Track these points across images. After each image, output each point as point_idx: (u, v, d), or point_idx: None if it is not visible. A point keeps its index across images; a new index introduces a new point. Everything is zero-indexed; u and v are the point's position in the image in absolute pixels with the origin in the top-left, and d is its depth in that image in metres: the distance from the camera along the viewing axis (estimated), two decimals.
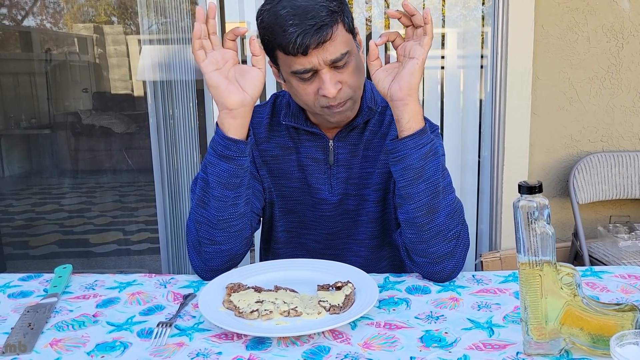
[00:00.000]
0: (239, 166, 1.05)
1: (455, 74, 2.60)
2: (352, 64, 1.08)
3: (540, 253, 0.77)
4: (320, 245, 1.27)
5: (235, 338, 0.89)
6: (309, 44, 1.00)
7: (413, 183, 1.04)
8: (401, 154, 1.03)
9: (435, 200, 1.04)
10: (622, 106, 2.50)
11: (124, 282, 1.13)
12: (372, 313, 0.95)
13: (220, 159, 1.04)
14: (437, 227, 1.05)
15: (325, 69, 1.04)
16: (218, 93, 1.03)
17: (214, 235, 1.10)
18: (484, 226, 2.69)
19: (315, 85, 1.06)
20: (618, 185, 2.44)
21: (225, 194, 1.06)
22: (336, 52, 1.03)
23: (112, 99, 6.33)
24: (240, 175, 1.07)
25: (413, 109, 1.03)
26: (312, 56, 1.02)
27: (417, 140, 1.03)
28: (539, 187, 0.77)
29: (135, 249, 3.75)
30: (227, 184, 1.06)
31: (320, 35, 1.00)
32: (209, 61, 1.02)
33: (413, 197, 1.04)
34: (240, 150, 1.04)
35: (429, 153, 1.03)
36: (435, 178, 1.04)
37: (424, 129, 1.04)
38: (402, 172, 1.04)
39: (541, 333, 0.79)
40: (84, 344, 0.88)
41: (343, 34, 1.05)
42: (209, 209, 1.08)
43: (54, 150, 5.91)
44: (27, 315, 0.97)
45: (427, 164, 1.03)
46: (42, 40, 6.14)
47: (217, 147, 1.05)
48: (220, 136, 1.04)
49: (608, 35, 2.43)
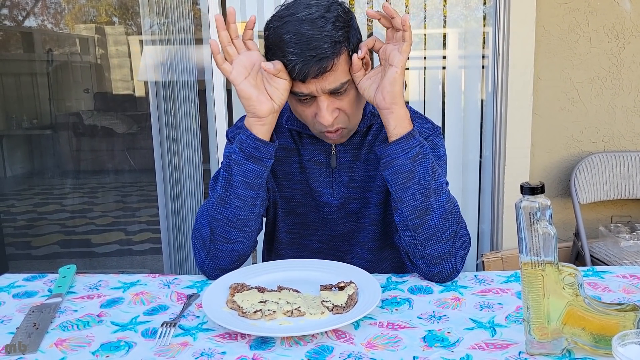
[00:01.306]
0: (265, 167, 1.07)
1: (457, 74, 2.61)
2: (352, 92, 1.07)
3: (543, 253, 0.78)
4: (322, 246, 1.27)
5: (239, 338, 0.89)
6: (308, 74, 1.00)
7: (403, 187, 1.05)
8: (389, 158, 1.04)
9: (426, 202, 1.05)
10: (623, 106, 2.50)
11: (127, 282, 1.14)
12: (375, 313, 0.96)
13: (248, 160, 1.06)
14: (431, 228, 1.05)
15: (323, 96, 1.04)
16: (250, 104, 1.04)
17: (230, 233, 1.11)
18: (485, 226, 2.69)
19: (313, 110, 1.07)
20: (619, 185, 2.45)
21: (248, 194, 1.08)
22: (336, 82, 1.03)
23: (114, 100, 6.34)
24: (264, 177, 1.09)
25: (399, 115, 1.04)
26: (310, 84, 1.02)
27: (404, 144, 1.03)
28: (541, 187, 0.77)
29: (137, 249, 3.76)
30: (252, 184, 1.08)
31: (319, 67, 0.99)
32: (237, 71, 1.03)
33: (404, 200, 1.05)
34: (269, 152, 1.07)
35: (417, 156, 1.04)
36: (425, 180, 1.04)
37: (411, 132, 1.04)
38: (392, 176, 1.05)
39: (543, 333, 0.80)
40: (89, 344, 0.89)
41: (346, 63, 1.04)
42: (230, 207, 1.09)
43: (56, 150, 5.93)
44: (32, 315, 0.98)
45: (416, 167, 1.04)
46: (44, 41, 6.16)
47: (245, 148, 1.06)
48: (250, 137, 1.05)
49: (609, 35, 2.44)
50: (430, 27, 2.58)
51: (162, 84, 2.75)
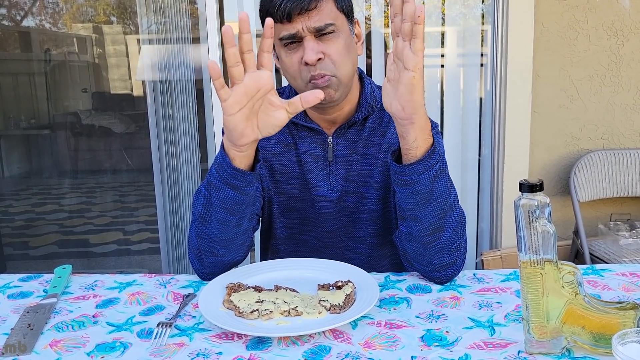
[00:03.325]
0: (245, 194, 1.01)
1: (455, 72, 2.60)
2: (339, 40, 1.07)
3: (542, 251, 0.77)
4: (320, 242, 1.26)
5: (236, 338, 0.88)
6: (292, 9, 1.02)
7: (420, 206, 0.98)
8: (409, 178, 0.96)
9: (442, 220, 1.00)
10: (622, 104, 2.49)
11: (123, 282, 1.13)
12: (373, 312, 0.95)
13: (226, 185, 0.99)
14: (442, 243, 1.02)
15: (309, 36, 1.05)
16: (231, 135, 0.94)
17: (215, 249, 1.08)
18: (485, 224, 2.68)
19: (300, 54, 1.07)
20: (619, 183, 2.44)
21: (228, 219, 1.03)
22: (321, 22, 1.04)
23: (112, 99, 6.33)
24: (246, 202, 1.02)
25: (419, 125, 0.94)
26: (296, 22, 1.04)
27: (427, 162, 0.95)
28: (540, 185, 0.76)
29: (136, 249, 3.75)
30: (232, 210, 1.02)
31: (303, 1, 1.02)
32: (234, 100, 0.90)
33: (420, 219, 1.00)
34: (248, 181, 0.99)
35: (438, 172, 0.97)
36: (443, 198, 0.98)
37: (433, 147, 0.96)
38: (410, 196, 0.98)
39: (543, 332, 0.79)
40: (84, 345, 0.88)
41: (331, 9, 1.06)
42: (211, 228, 1.05)
43: (54, 150, 5.91)
44: (27, 316, 0.97)
45: (436, 185, 0.97)
46: (42, 41, 6.14)
47: (222, 174, 0.98)
48: (227, 164, 0.97)
49: (608, 32, 2.43)
50: (428, 25, 2.57)
51: (160, 83, 2.74)
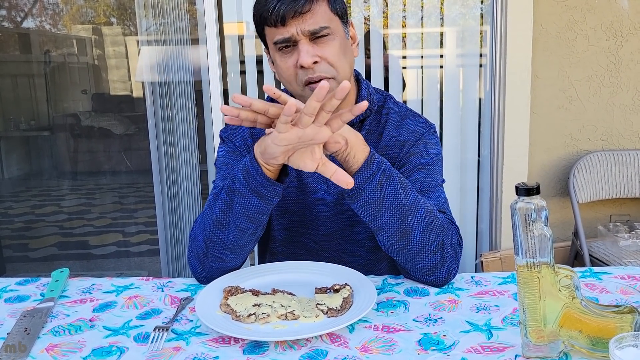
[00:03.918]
0: (270, 205, 1.01)
1: (455, 72, 2.60)
2: (334, 42, 1.07)
3: (538, 255, 0.77)
4: (318, 245, 1.26)
5: (233, 342, 0.88)
6: (286, 12, 1.02)
7: (377, 215, 0.99)
8: (354, 192, 0.97)
9: (405, 223, 1.00)
10: (621, 104, 2.49)
11: (121, 285, 1.13)
12: (370, 316, 0.95)
13: (252, 193, 0.99)
14: (416, 246, 1.02)
15: (304, 39, 1.04)
16: (262, 154, 0.95)
17: (224, 255, 1.08)
18: (484, 226, 2.68)
19: (295, 58, 1.06)
20: (618, 184, 2.44)
21: (247, 226, 1.03)
22: (315, 25, 1.04)
23: (111, 100, 6.33)
24: (268, 212, 1.03)
25: (352, 141, 0.96)
26: (290, 26, 1.03)
27: (365, 172, 0.96)
28: (536, 188, 0.76)
29: (135, 251, 3.75)
30: (253, 218, 1.02)
31: (297, 4, 1.02)
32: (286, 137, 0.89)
33: (382, 227, 1.01)
34: (276, 192, 1.00)
35: (383, 180, 0.97)
36: (397, 202, 0.99)
37: (369, 156, 0.97)
38: (362, 208, 0.99)
39: (540, 336, 0.79)
40: (80, 349, 0.88)
41: (325, 12, 1.05)
42: (227, 234, 1.05)
43: (54, 151, 5.92)
44: (24, 320, 0.97)
45: (384, 192, 0.98)
46: (41, 42, 6.15)
47: (251, 182, 0.98)
48: (258, 173, 0.97)
49: (607, 33, 2.43)
50: (427, 26, 2.57)
51: (159, 85, 2.74)
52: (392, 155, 1.18)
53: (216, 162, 1.24)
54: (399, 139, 1.18)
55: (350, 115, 0.89)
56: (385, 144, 1.18)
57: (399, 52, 2.63)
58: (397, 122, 1.20)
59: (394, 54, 2.63)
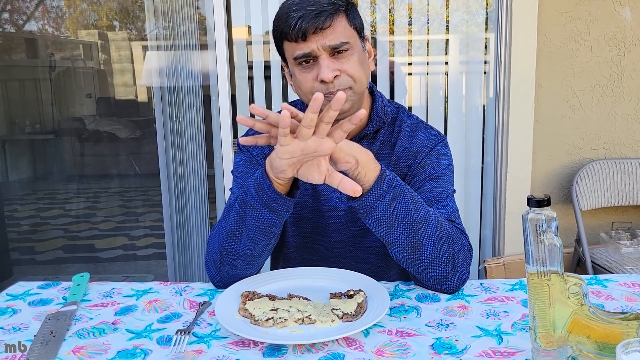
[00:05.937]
0: (281, 218, 1.04)
1: (458, 79, 2.64)
2: (354, 57, 1.10)
3: (548, 264, 0.80)
4: (330, 252, 1.29)
5: (252, 345, 0.91)
6: (307, 28, 1.05)
7: (389, 231, 1.02)
8: (366, 209, 1.00)
9: (416, 237, 1.02)
10: (623, 114, 2.53)
11: (140, 290, 1.16)
12: (384, 321, 0.98)
13: (264, 207, 1.02)
14: (427, 258, 1.05)
15: (324, 54, 1.07)
16: (271, 168, 0.98)
17: (239, 264, 1.11)
18: (487, 232, 2.72)
19: (315, 72, 1.09)
20: (620, 192, 2.47)
21: (260, 238, 1.06)
22: (336, 40, 1.06)
23: (116, 105, 6.37)
24: (280, 225, 1.06)
25: (362, 160, 0.98)
26: (311, 41, 1.06)
27: (377, 191, 0.98)
28: (547, 200, 0.80)
29: (141, 254, 3.78)
30: (266, 230, 1.05)
31: (318, 19, 1.04)
32: (288, 150, 0.92)
33: (394, 242, 1.04)
34: (287, 206, 1.02)
35: (394, 196, 0.99)
36: (409, 218, 1.01)
37: (381, 174, 0.99)
38: (375, 225, 1.02)
39: (549, 341, 0.82)
40: (106, 351, 0.91)
41: (345, 27, 1.08)
42: (241, 245, 1.08)
43: (59, 155, 5.95)
44: (49, 323, 1.00)
45: (396, 208, 1.00)
46: (47, 46, 6.19)
47: (262, 196, 1.01)
48: (269, 187, 1.00)
49: (610, 44, 2.47)
50: (432, 32, 2.62)
51: (168, 89, 2.76)
52: (404, 165, 1.21)
53: (233, 170, 1.27)
54: (412, 150, 1.21)
55: (350, 125, 0.91)
56: (398, 155, 1.21)
57: (404, 59, 2.67)
58: (409, 133, 1.23)
59: (396, 60, 2.67)
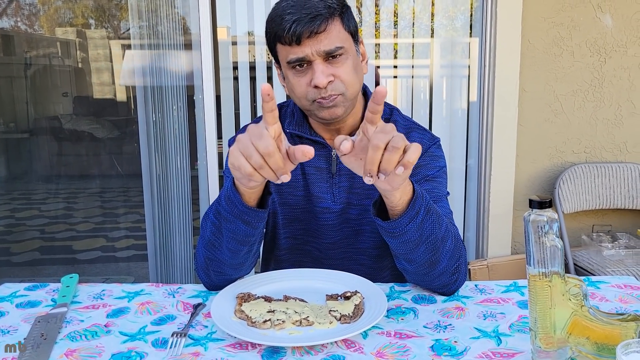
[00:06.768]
0: (256, 228, 1.02)
1: (442, 82, 2.66)
2: (348, 62, 1.09)
3: (550, 265, 0.81)
4: (322, 254, 1.28)
5: (250, 348, 0.90)
6: (302, 32, 1.03)
7: (412, 250, 1.00)
8: (397, 231, 0.97)
9: (435, 255, 1.01)
10: (604, 119, 2.58)
11: (132, 291, 1.14)
12: (382, 322, 0.98)
13: (237, 219, 0.99)
14: (439, 270, 1.04)
15: (318, 60, 1.06)
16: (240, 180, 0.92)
17: (224, 270, 1.10)
18: (471, 234, 2.74)
19: (309, 77, 1.08)
20: (601, 195, 2.51)
21: (239, 248, 1.05)
22: (330, 45, 1.06)
23: (94, 104, 6.27)
24: (257, 234, 1.04)
25: (402, 187, 0.93)
26: (305, 46, 1.05)
27: (411, 212, 0.95)
28: (549, 202, 0.80)
29: (121, 256, 3.71)
30: (243, 241, 1.04)
31: (313, 24, 1.03)
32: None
33: (414, 260, 1.02)
34: (260, 217, 1.00)
35: (425, 215, 0.96)
36: (433, 236, 0.99)
37: (415, 195, 0.95)
38: (400, 245, 1.00)
39: (549, 342, 0.83)
40: (100, 354, 0.89)
41: (340, 31, 1.08)
42: (221, 254, 1.07)
43: (34, 155, 5.83)
44: (39, 325, 0.97)
45: (424, 227, 0.97)
46: (23, 44, 6.06)
47: (233, 209, 0.98)
48: (238, 201, 0.97)
49: (591, 50, 2.51)
50: (417, 36, 2.63)
51: (151, 89, 2.73)
52: None
53: (224, 171, 1.26)
54: None
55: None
56: None
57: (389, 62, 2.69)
58: (403, 135, 1.23)
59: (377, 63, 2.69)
